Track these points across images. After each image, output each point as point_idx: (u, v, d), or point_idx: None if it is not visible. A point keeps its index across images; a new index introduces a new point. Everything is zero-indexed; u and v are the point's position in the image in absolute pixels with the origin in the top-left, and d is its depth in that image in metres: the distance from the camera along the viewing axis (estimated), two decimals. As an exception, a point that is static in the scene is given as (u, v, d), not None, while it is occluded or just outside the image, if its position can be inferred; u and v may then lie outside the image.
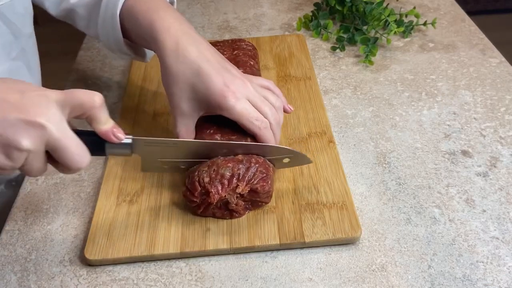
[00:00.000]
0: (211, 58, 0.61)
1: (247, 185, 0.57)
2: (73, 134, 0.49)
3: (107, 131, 0.52)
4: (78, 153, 0.49)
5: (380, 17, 0.94)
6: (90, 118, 0.51)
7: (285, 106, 0.66)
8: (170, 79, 0.61)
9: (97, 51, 0.95)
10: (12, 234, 0.62)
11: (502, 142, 0.72)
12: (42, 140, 0.46)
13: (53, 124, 0.47)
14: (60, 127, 0.47)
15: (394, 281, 0.56)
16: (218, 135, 0.62)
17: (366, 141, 0.73)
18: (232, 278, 0.57)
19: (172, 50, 0.60)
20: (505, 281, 0.56)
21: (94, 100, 0.50)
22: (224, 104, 0.59)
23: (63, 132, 0.47)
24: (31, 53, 0.76)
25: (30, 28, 0.75)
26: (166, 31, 0.61)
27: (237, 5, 1.09)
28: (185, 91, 0.60)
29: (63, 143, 0.47)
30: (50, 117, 0.47)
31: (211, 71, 0.59)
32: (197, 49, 0.60)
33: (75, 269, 0.58)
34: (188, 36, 0.61)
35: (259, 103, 0.61)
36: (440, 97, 0.81)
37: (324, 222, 0.60)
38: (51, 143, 0.47)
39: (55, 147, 0.47)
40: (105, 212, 0.62)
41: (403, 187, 0.66)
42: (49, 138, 0.47)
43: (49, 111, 0.47)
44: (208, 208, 0.60)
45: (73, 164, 0.49)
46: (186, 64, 0.60)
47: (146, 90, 0.82)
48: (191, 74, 0.60)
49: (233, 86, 0.60)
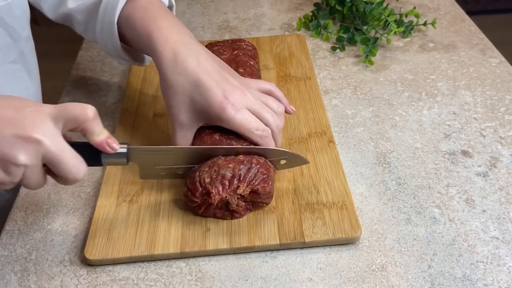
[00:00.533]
0: (210, 68, 0.60)
1: (248, 186, 0.57)
2: (68, 147, 0.50)
3: (101, 142, 0.53)
4: (74, 165, 0.50)
5: (380, 17, 0.94)
6: (84, 130, 0.52)
7: (287, 107, 0.66)
8: (169, 90, 0.61)
9: (97, 52, 0.95)
10: (12, 234, 0.62)
11: (502, 142, 0.72)
12: (38, 154, 0.48)
13: (48, 138, 0.48)
14: (55, 141, 0.48)
15: (394, 281, 0.56)
16: (217, 134, 0.62)
17: (366, 141, 0.73)
18: (232, 278, 0.57)
19: (171, 62, 0.60)
20: (505, 281, 0.56)
21: (87, 113, 0.51)
22: (223, 115, 0.59)
23: (58, 146, 0.49)
24: (29, 56, 0.76)
25: (27, 31, 0.75)
26: (164, 41, 0.61)
27: (237, 5, 1.09)
28: (184, 103, 0.60)
29: (59, 156, 0.49)
30: (45, 132, 0.48)
31: (210, 83, 0.59)
32: (196, 60, 0.60)
33: (75, 269, 0.58)
34: (186, 46, 0.61)
35: (259, 111, 0.61)
36: (440, 97, 0.81)
37: (324, 222, 0.60)
38: (47, 156, 0.48)
39: (52, 160, 0.49)
40: (105, 212, 0.62)
41: (403, 187, 0.66)
42: (45, 152, 0.48)
43: (44, 126, 0.48)
44: (209, 209, 0.60)
45: (70, 175, 0.50)
46: (184, 76, 0.60)
47: (146, 90, 0.82)
48: (190, 86, 0.60)
49: (232, 97, 0.59)
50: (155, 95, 0.81)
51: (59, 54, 2.10)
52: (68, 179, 0.51)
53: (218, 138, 0.62)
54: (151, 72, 0.85)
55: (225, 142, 0.61)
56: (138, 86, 0.83)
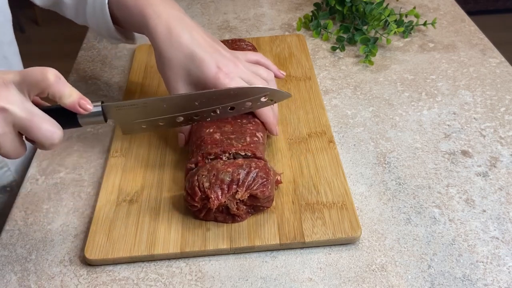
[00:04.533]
0: (203, 42, 0.63)
1: (246, 190, 0.57)
2: (39, 111, 0.49)
3: (73, 103, 0.52)
4: (47, 129, 0.50)
5: (380, 17, 0.94)
6: (52, 95, 0.51)
7: (277, 73, 0.71)
8: (165, 64, 0.63)
9: (97, 51, 0.95)
10: (12, 234, 0.62)
11: (502, 142, 0.72)
12: (7, 122, 0.48)
13: (14, 105, 0.48)
14: (22, 107, 0.48)
15: (394, 281, 0.56)
16: (218, 134, 0.62)
17: (366, 141, 0.73)
18: (232, 278, 0.57)
19: (165, 36, 0.63)
20: (505, 281, 0.56)
21: (47, 78, 0.50)
22: (219, 85, 0.62)
23: (27, 111, 0.48)
24: (13, 59, 0.76)
25: (10, 35, 0.75)
26: (157, 17, 0.63)
27: (237, 5, 1.09)
28: (180, 75, 0.63)
29: (30, 121, 0.48)
30: (10, 99, 0.47)
31: (204, 55, 0.62)
32: (190, 34, 0.63)
33: (75, 269, 0.58)
34: (179, 22, 0.64)
35: (251, 79, 0.64)
36: (440, 97, 0.81)
37: (324, 222, 0.60)
38: (17, 123, 0.48)
39: (23, 126, 0.49)
40: (105, 212, 0.62)
41: (403, 187, 0.66)
42: (14, 119, 0.48)
43: (8, 93, 0.48)
44: (209, 213, 0.59)
45: (44, 140, 0.50)
46: (179, 50, 0.62)
47: (146, 90, 0.82)
48: (185, 58, 0.62)
49: (226, 67, 0.63)
50: (156, 94, 0.81)
51: (59, 54, 2.10)
52: (44, 143, 0.50)
53: (219, 138, 0.62)
54: (152, 71, 0.85)
55: (225, 142, 0.61)
56: (139, 84, 0.83)
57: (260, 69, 0.67)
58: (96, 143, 0.74)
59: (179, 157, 0.69)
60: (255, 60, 0.69)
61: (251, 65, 0.67)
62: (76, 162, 0.71)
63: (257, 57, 0.70)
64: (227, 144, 0.61)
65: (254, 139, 0.62)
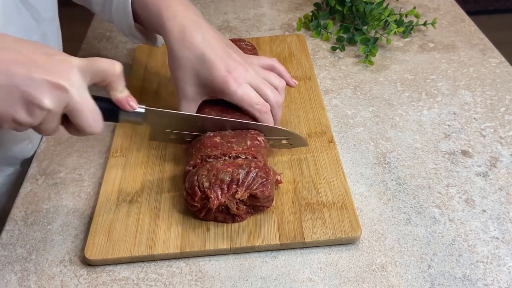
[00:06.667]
0: (215, 44, 0.63)
1: (246, 190, 0.57)
2: (91, 99, 0.51)
3: (123, 99, 0.56)
4: (93, 118, 0.52)
5: (380, 17, 0.94)
6: (109, 85, 0.54)
7: (289, 81, 0.70)
8: (175, 64, 0.64)
9: (97, 52, 0.95)
10: (12, 234, 0.62)
11: (502, 142, 0.72)
12: (62, 102, 0.49)
13: (74, 88, 0.49)
14: (80, 92, 0.50)
15: (394, 281, 0.56)
16: (218, 138, 0.62)
17: (366, 141, 0.73)
18: (232, 278, 0.57)
19: (178, 37, 0.63)
20: (505, 281, 0.56)
21: (115, 68, 0.53)
22: (226, 89, 0.62)
23: (82, 97, 0.50)
24: (52, 38, 0.77)
25: (52, 12, 0.76)
26: (172, 18, 0.64)
27: (237, 5, 1.09)
28: (189, 76, 0.63)
29: (82, 107, 0.50)
30: (73, 81, 0.49)
31: (214, 58, 0.62)
32: (202, 36, 0.63)
33: (75, 269, 0.58)
34: (194, 23, 0.64)
35: (260, 87, 0.64)
36: (440, 97, 0.81)
37: (324, 222, 0.60)
38: (70, 105, 0.50)
39: (74, 110, 0.50)
40: (105, 212, 0.62)
41: (403, 187, 0.66)
42: (69, 101, 0.49)
43: (72, 76, 0.49)
44: (209, 213, 0.59)
45: (87, 127, 0.52)
46: (191, 50, 0.62)
47: (146, 90, 0.82)
48: (196, 60, 0.63)
49: (235, 72, 0.63)
50: (156, 93, 0.81)
51: (59, 54, 2.10)
52: (85, 130, 0.52)
53: (219, 141, 0.62)
54: (152, 71, 0.85)
55: (225, 145, 0.61)
56: (139, 85, 0.83)
57: (272, 77, 0.67)
58: (96, 143, 0.74)
59: (179, 158, 0.69)
60: (269, 66, 0.69)
61: (262, 71, 0.66)
62: (76, 162, 0.71)
63: (271, 63, 0.69)
64: (227, 147, 0.61)
65: (255, 142, 0.62)
